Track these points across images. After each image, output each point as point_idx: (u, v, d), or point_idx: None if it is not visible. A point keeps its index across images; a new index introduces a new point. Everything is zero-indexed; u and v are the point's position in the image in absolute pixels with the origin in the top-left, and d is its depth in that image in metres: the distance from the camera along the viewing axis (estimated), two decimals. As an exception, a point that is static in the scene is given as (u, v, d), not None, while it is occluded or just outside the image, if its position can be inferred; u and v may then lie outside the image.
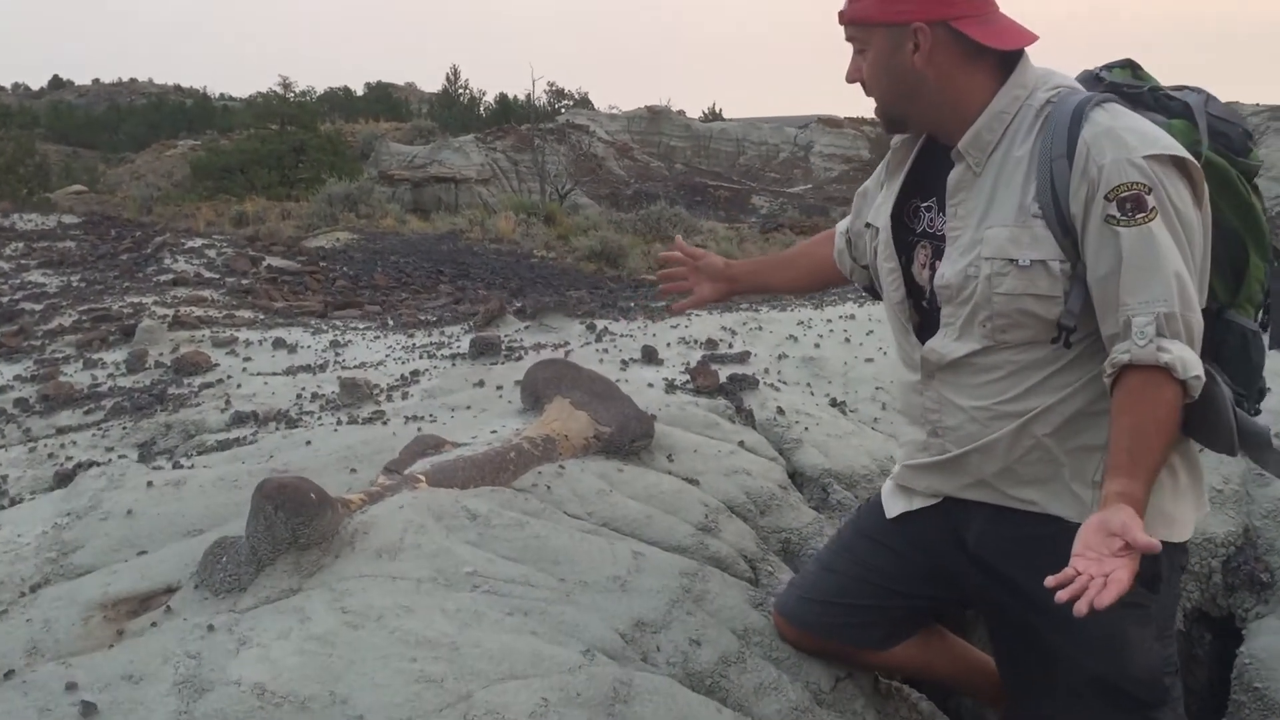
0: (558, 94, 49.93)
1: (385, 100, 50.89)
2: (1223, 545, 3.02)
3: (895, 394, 2.21)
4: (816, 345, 4.11)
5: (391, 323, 5.52)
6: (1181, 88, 2.02)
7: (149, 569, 2.30)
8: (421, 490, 2.50)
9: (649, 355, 3.86)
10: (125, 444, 3.60)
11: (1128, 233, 1.74)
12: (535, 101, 39.63)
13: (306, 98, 41.40)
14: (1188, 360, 1.72)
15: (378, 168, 29.69)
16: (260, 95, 36.40)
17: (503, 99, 47.17)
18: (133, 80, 73.71)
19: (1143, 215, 1.74)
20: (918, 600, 2.27)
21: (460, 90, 50.05)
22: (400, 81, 64.74)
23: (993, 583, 2.08)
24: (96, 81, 74.00)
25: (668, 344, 4.15)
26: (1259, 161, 1.97)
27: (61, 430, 3.88)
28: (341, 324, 5.44)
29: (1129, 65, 2.08)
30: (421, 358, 4.25)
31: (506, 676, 1.90)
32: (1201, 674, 3.06)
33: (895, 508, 2.21)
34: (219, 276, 6.94)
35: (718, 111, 50.88)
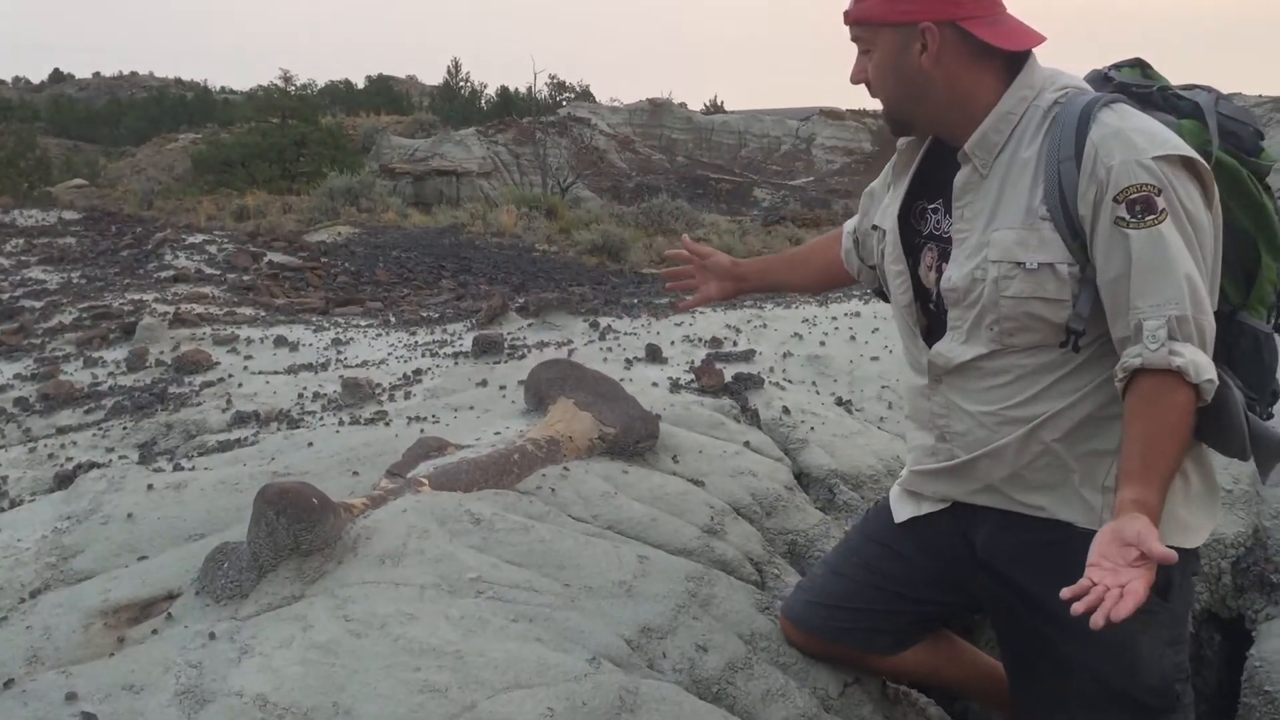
0: (559, 86, 49.84)
1: (386, 93, 50.82)
2: (1232, 546, 2.99)
3: (903, 398, 2.19)
4: (822, 343, 4.08)
5: (393, 320, 5.49)
6: (1191, 87, 1.99)
7: (150, 574, 2.28)
8: (424, 494, 2.48)
9: (653, 354, 3.83)
10: (126, 444, 3.58)
11: (1137, 235, 1.72)
12: (536, 94, 39.57)
13: (307, 90, 41.32)
14: (1200, 364, 1.70)
15: (379, 161, 29.70)
16: (261, 88, 36.30)
17: (504, 92, 47.14)
18: (133, 74, 73.70)
19: (1152, 217, 1.71)
20: (926, 606, 2.25)
21: (461, 83, 49.97)
22: (401, 74, 64.68)
23: (1002, 588, 2.06)
24: (97, 75, 73.99)
25: (672, 342, 4.12)
26: (1271, 161, 1.94)
27: (62, 430, 3.86)
28: (343, 321, 5.42)
29: (1138, 64, 2.06)
30: (424, 356, 4.22)
31: (511, 686, 1.88)
32: (1211, 676, 3.03)
33: (904, 513, 2.19)
34: (220, 273, 6.91)
35: (719, 104, 50.79)
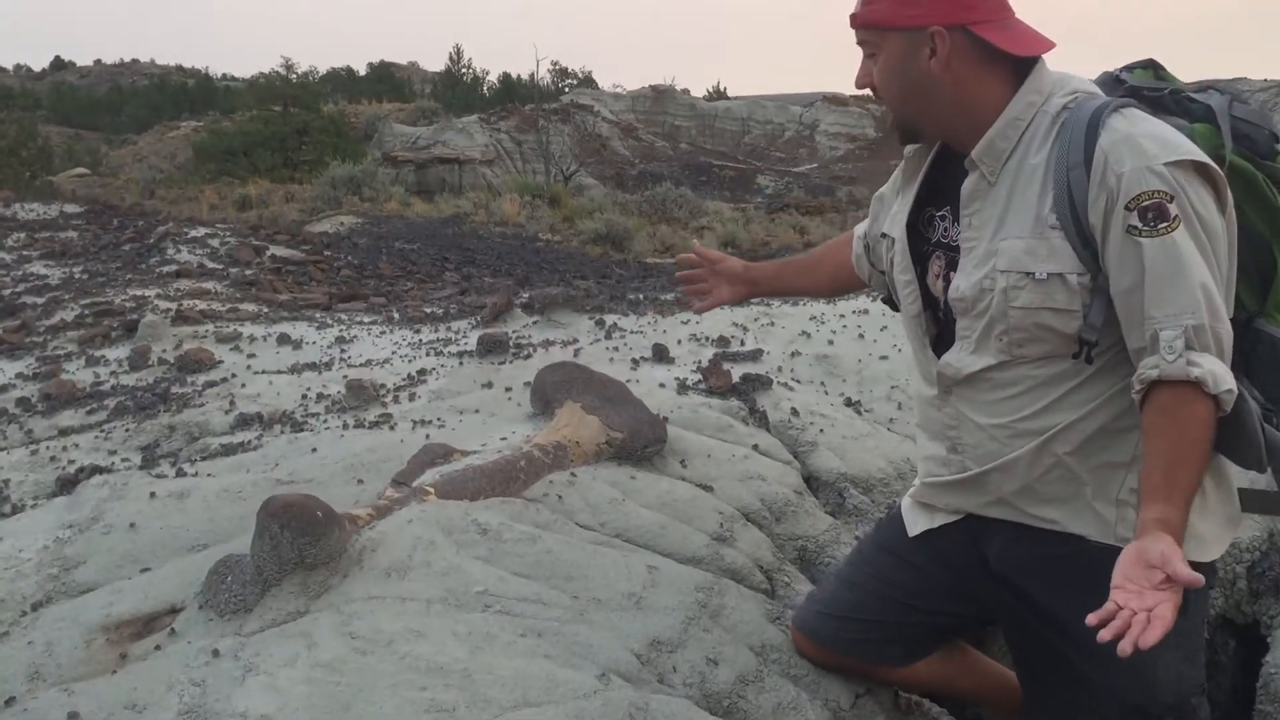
0: (561, 73, 49.80)
1: (388, 80, 50.73)
2: (1247, 550, 2.96)
3: (914, 407, 2.15)
4: (830, 342, 4.04)
5: (397, 316, 5.45)
6: (1205, 88, 1.95)
7: (152, 587, 2.25)
8: (430, 503, 2.44)
9: (660, 354, 3.79)
10: (128, 446, 3.55)
11: (1150, 243, 1.68)
12: (539, 81, 39.46)
13: (309, 78, 41.25)
14: (1219, 374, 1.66)
15: (381, 149, 29.63)
16: (263, 75, 36.25)
17: (506, 78, 47.03)
18: (134, 61, 73.55)
19: (1165, 225, 1.67)
20: (938, 617, 2.22)
21: (463, 70, 49.86)
22: (403, 61, 64.55)
23: (1015, 600, 2.04)
24: (98, 62, 73.87)
25: (678, 341, 4.07)
26: None
27: (64, 431, 3.82)
28: (346, 317, 5.38)
29: (1151, 66, 2.02)
30: (428, 355, 4.19)
31: (520, 704, 1.85)
32: (1225, 681, 3.01)
33: (917, 525, 2.16)
34: (222, 267, 6.87)
35: (722, 90, 50.67)
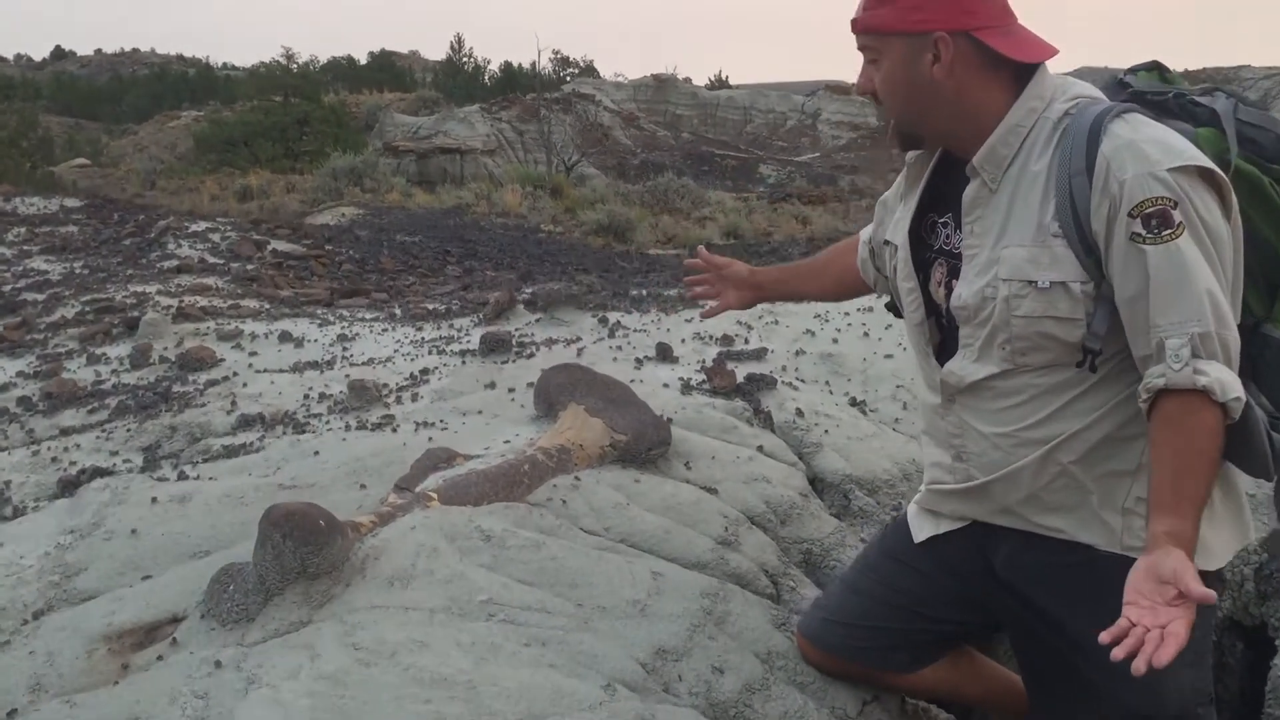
0: (563, 62, 49.66)
1: (389, 69, 50.61)
2: (1255, 553, 2.93)
3: (919, 414, 2.13)
4: (834, 340, 4.02)
5: (399, 312, 5.43)
6: (1210, 89, 1.92)
7: (154, 596, 2.24)
8: (433, 509, 2.43)
9: (664, 353, 3.77)
10: (130, 447, 3.53)
11: (1154, 250, 1.65)
12: (540, 70, 39.35)
13: (310, 67, 41.17)
14: (1226, 382, 1.64)
15: (382, 139, 29.55)
16: (263, 65, 36.16)
17: (507, 67, 46.89)
18: (135, 50, 73.49)
19: (1169, 231, 1.65)
20: (944, 624, 2.21)
21: (465, 59, 49.74)
22: (404, 49, 64.40)
23: (1022, 608, 2.03)
24: (99, 52, 73.79)
25: (682, 340, 4.05)
26: None
27: (65, 431, 3.81)
28: (348, 314, 5.36)
29: (1155, 68, 2.00)
30: (430, 353, 4.17)
31: (526, 717, 1.84)
32: (1233, 683, 2.99)
33: (923, 531, 2.15)
34: (224, 262, 6.84)
35: (724, 79, 50.53)
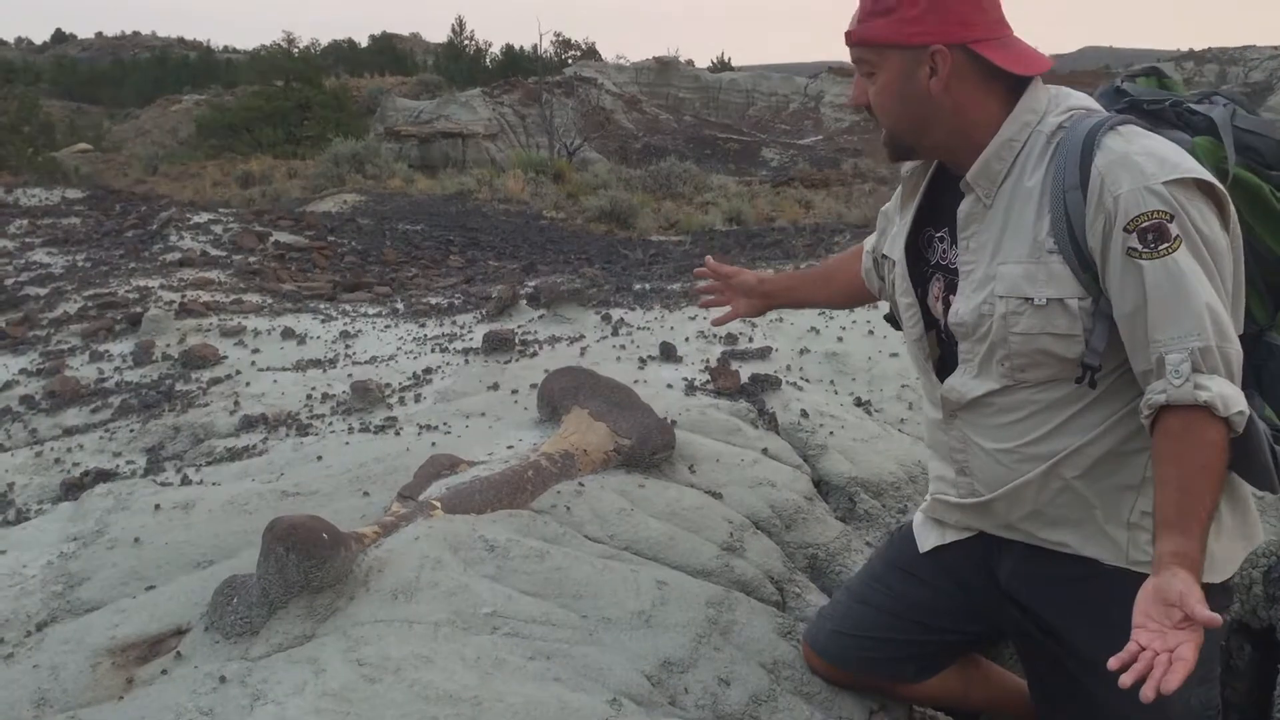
0: (565, 44, 49.45)
1: (390, 52, 50.45)
2: (1264, 555, 2.92)
3: (923, 427, 2.12)
4: (839, 339, 3.99)
5: (401, 308, 5.41)
6: (1209, 95, 1.89)
7: (158, 607, 2.23)
8: (437, 519, 2.41)
9: (667, 352, 3.75)
10: (133, 448, 3.53)
11: (1151, 265, 1.63)
12: (542, 54, 39.18)
13: (311, 50, 41.02)
14: (1228, 396, 1.62)
15: (384, 123, 29.45)
16: (264, 48, 36.06)
17: (509, 50, 46.72)
18: (136, 33, 73.31)
19: (1166, 246, 1.62)
20: (950, 635, 2.21)
21: (466, 41, 49.52)
22: (405, 32, 64.11)
23: (1027, 620, 2.02)
24: (100, 35, 73.65)
25: (686, 339, 4.03)
26: None
27: (68, 431, 3.80)
28: (351, 309, 5.34)
29: (1154, 73, 1.97)
30: (433, 351, 4.15)
31: (530, 733, 1.83)
32: (1241, 686, 2.98)
33: (928, 541, 2.14)
34: (226, 254, 6.82)
35: (727, 61, 50.34)
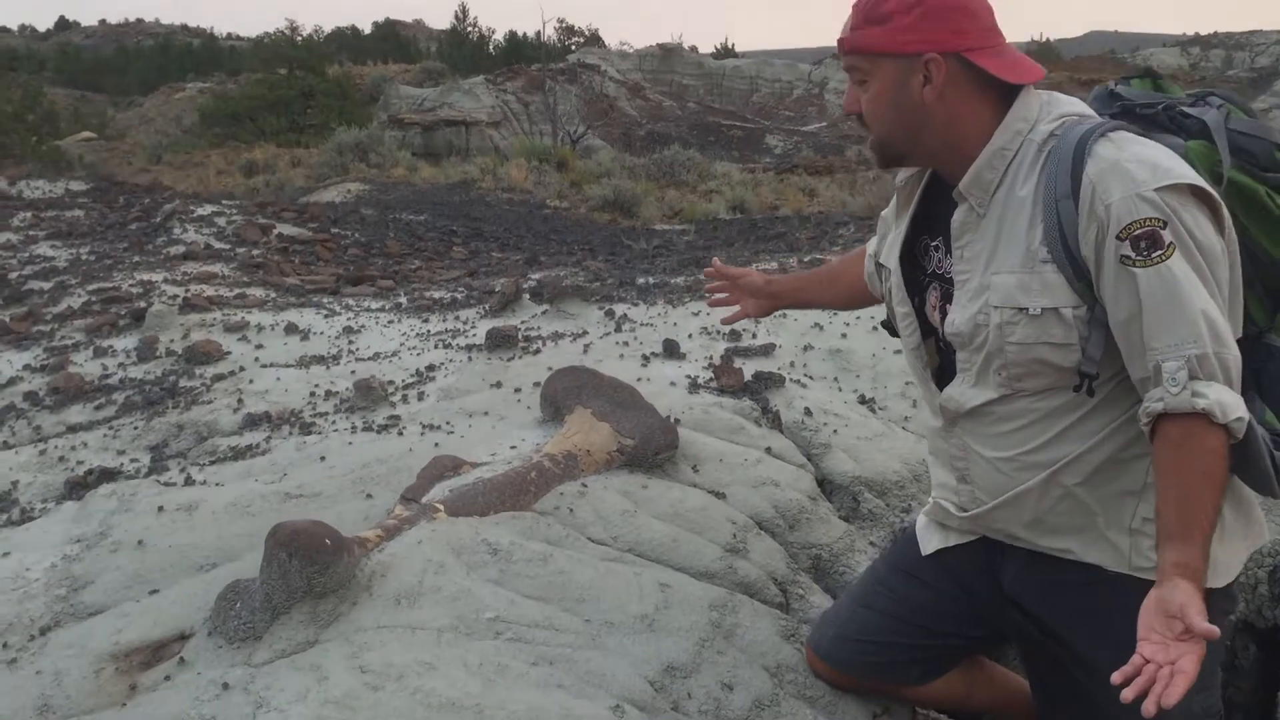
0: (568, 31, 49.29)
1: (393, 39, 50.34)
2: (1269, 555, 2.91)
3: (925, 434, 2.11)
4: (843, 335, 3.98)
5: (405, 302, 5.40)
6: (1204, 95, 1.87)
7: (161, 611, 2.23)
8: (440, 522, 2.41)
9: (670, 349, 3.74)
10: (137, 446, 3.53)
11: (1145, 273, 1.62)
12: (545, 40, 39.07)
13: (315, 37, 40.95)
14: (1226, 403, 1.61)
15: (387, 111, 29.40)
16: (268, 36, 36.00)
17: (512, 37, 46.62)
18: (139, 20, 73.22)
19: (1159, 253, 1.61)
20: (953, 639, 2.21)
21: (469, 28, 49.39)
22: (408, 19, 63.96)
23: (1030, 625, 2.02)
24: (103, 22, 73.56)
25: (689, 335, 4.02)
26: None
27: (72, 428, 3.80)
28: (354, 303, 5.33)
29: (1148, 75, 1.95)
30: (436, 347, 4.15)
31: (533, 741, 1.83)
32: (1245, 686, 2.97)
33: (930, 544, 2.14)
34: (229, 247, 6.81)
35: (730, 47, 50.18)
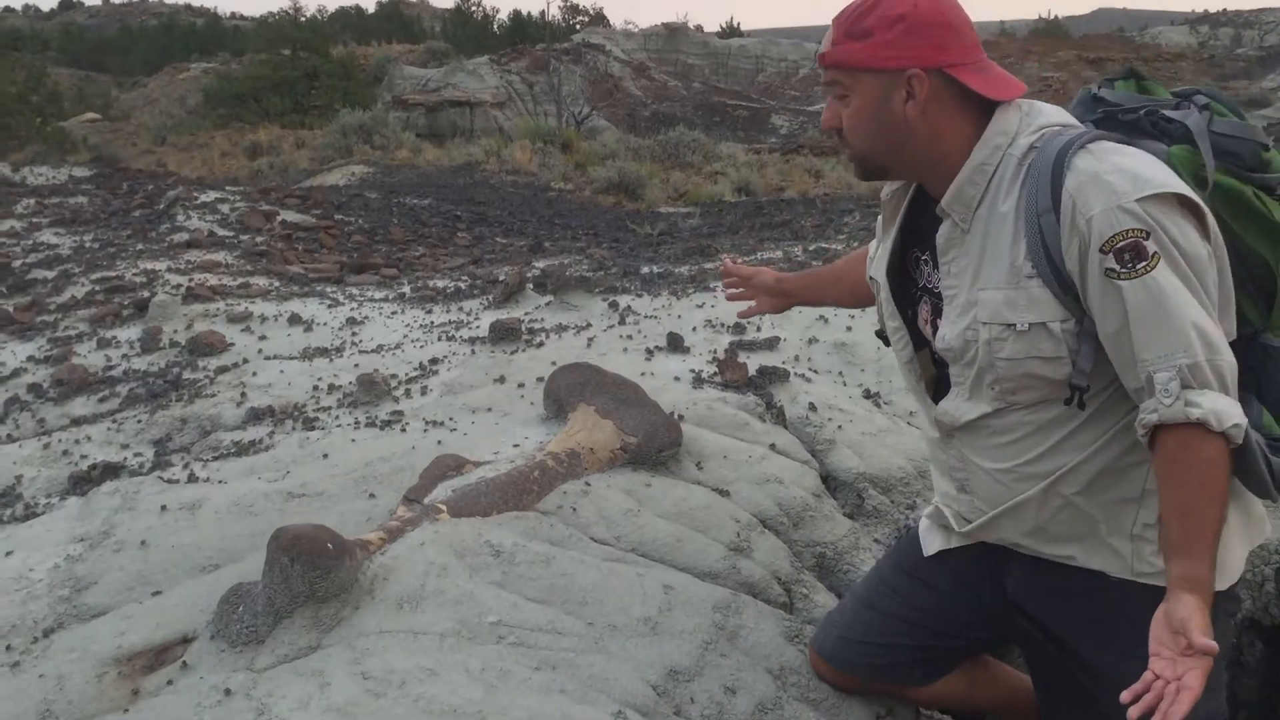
0: (572, 10, 48.99)
1: (397, 18, 50.09)
2: (1276, 553, 2.90)
3: (923, 443, 2.10)
4: (848, 328, 3.96)
5: (409, 292, 5.39)
6: (1188, 94, 1.84)
7: (164, 614, 2.23)
8: (443, 523, 2.40)
9: (675, 343, 3.72)
10: (140, 440, 3.53)
11: (1130, 285, 1.60)
12: (550, 19, 38.86)
13: (319, 17, 40.79)
14: (1221, 410, 1.58)
15: (391, 92, 29.29)
16: (271, 15, 35.85)
17: (516, 16, 46.37)
18: (143, 0, 72.84)
19: (1144, 265, 1.59)
20: (958, 640, 2.21)
21: (473, 8, 49.15)
22: (412, -2, 63.59)
23: (1034, 628, 2.02)
24: (107, 2, 73.30)
25: (693, 328, 4.00)
26: None
27: (76, 421, 3.80)
28: (358, 293, 5.32)
29: (1132, 76, 1.92)
30: (440, 340, 4.14)
31: (536, 749, 1.83)
32: (1251, 683, 2.97)
33: (933, 544, 2.13)
34: (233, 234, 6.79)
35: (736, 26, 49.84)
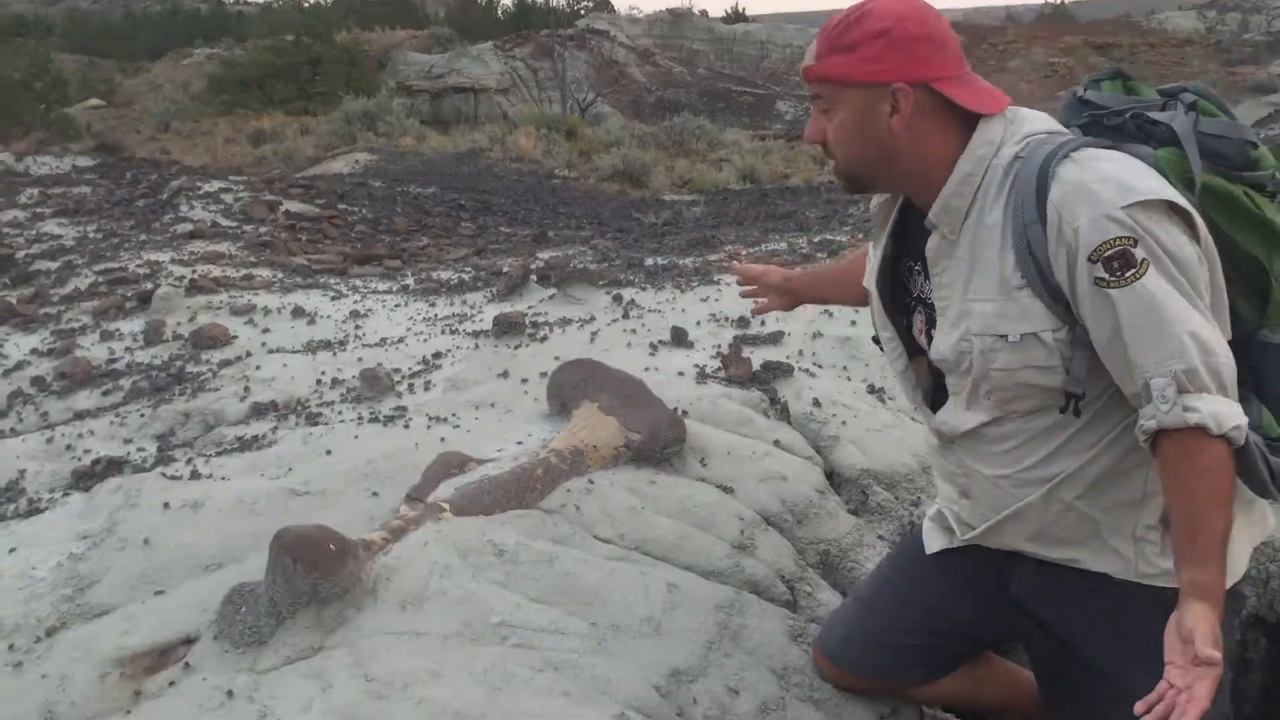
0: (577, -5, 48.76)
1: (401, 4, 49.86)
2: (1281, 550, 2.89)
3: (924, 448, 2.09)
4: (852, 323, 3.94)
5: (412, 283, 5.38)
6: (1175, 92, 1.82)
7: (167, 614, 2.23)
8: (446, 522, 2.40)
9: (679, 338, 3.71)
10: (143, 434, 3.53)
11: (1120, 294, 1.59)
12: (554, 5, 38.73)
13: (322, 3, 40.70)
14: (1220, 413, 1.57)
15: (395, 79, 29.21)
16: (275, 1, 35.79)
17: (520, 2, 46.16)
18: (146, -15, 72.61)
19: (1133, 272, 1.58)
20: (961, 640, 2.21)
21: (478, -7, 48.93)
22: (416, -17, 63.34)
23: (1037, 629, 2.01)
24: (110, -13, 72.98)
25: (697, 322, 3.99)
26: (1272, 166, 1.76)
27: (79, 415, 3.81)
28: (361, 284, 5.31)
29: (1119, 76, 1.90)
30: (443, 333, 4.13)
31: (538, 752, 1.82)
32: (1256, 680, 2.96)
33: (935, 544, 2.13)
34: (237, 225, 6.79)
35: (741, 11, 49.63)
